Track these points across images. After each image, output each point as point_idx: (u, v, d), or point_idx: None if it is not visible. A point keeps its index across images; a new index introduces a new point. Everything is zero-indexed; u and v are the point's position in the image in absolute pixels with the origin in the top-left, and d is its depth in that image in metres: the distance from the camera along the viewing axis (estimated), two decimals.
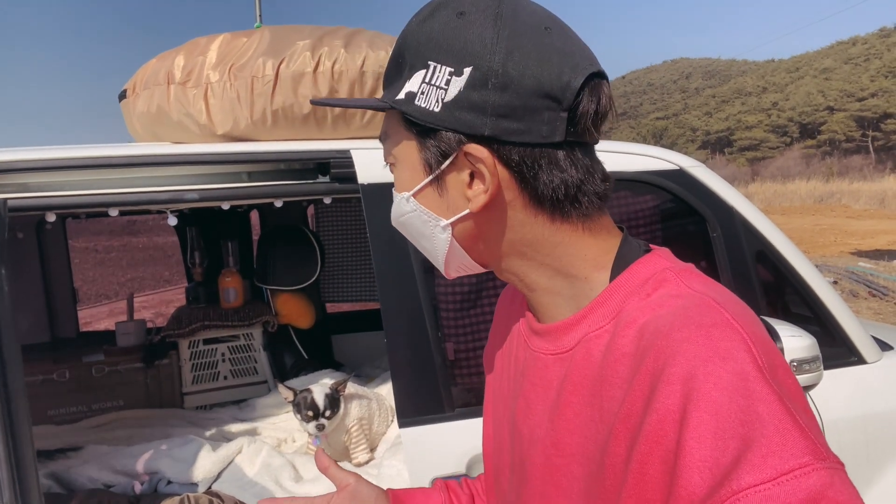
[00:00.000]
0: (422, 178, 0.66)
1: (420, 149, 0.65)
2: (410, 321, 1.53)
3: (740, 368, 0.48)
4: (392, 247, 1.55)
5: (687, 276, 0.61)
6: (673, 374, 0.50)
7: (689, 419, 0.48)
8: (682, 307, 0.56)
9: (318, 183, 1.64)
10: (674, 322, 0.54)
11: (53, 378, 2.36)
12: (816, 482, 0.43)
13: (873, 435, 1.78)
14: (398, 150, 0.67)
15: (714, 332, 0.51)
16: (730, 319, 0.53)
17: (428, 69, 0.62)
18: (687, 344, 0.51)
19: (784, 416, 0.46)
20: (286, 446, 2.13)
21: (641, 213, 1.82)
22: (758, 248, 1.81)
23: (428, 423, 1.52)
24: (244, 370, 2.58)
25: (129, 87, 1.83)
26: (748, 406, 0.46)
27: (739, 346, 0.50)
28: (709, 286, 0.59)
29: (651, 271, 0.63)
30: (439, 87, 0.62)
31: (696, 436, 0.47)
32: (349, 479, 0.84)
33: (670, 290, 0.59)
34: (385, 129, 0.69)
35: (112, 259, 13.55)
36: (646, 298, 0.60)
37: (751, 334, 0.51)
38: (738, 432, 0.46)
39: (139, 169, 1.53)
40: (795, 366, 1.54)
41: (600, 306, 0.63)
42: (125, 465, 1.82)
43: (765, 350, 0.51)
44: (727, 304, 0.55)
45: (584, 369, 0.61)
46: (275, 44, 1.67)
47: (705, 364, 0.49)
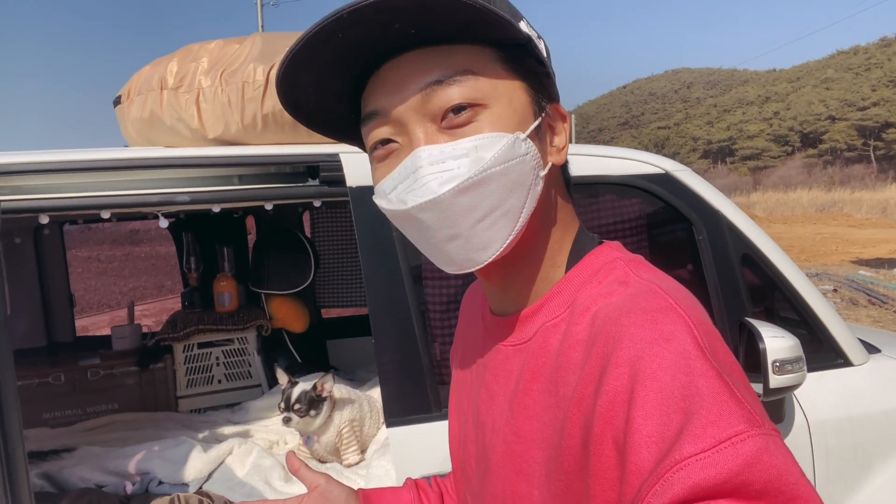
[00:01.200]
0: (530, 122, 0.62)
1: (528, 90, 0.63)
2: (398, 322, 1.55)
3: (682, 348, 0.51)
4: (380, 248, 1.57)
5: (635, 266, 0.64)
6: (621, 356, 0.52)
7: (636, 398, 0.50)
8: (629, 295, 0.58)
9: (308, 186, 1.66)
10: (622, 308, 0.56)
11: (49, 381, 2.39)
12: (752, 447, 0.45)
13: (860, 437, 1.79)
14: (496, 87, 0.61)
15: (658, 316, 0.54)
16: (673, 304, 0.55)
17: (525, 23, 0.64)
18: (634, 328, 0.54)
19: (722, 390, 0.48)
20: (278, 448, 2.14)
21: (627, 216, 1.84)
22: (744, 252, 1.83)
23: (415, 423, 1.53)
24: (238, 374, 2.60)
25: (123, 93, 1.86)
26: (689, 382, 0.49)
27: (682, 328, 0.52)
28: (655, 275, 0.62)
29: (603, 261, 0.65)
30: (537, 42, 0.65)
31: (643, 413, 0.49)
32: (319, 480, 0.84)
33: (619, 278, 0.62)
34: (465, 65, 0.60)
35: (114, 268, 13.57)
36: (597, 286, 0.62)
37: (692, 318, 0.54)
38: (681, 406, 0.48)
39: (131, 172, 1.55)
40: (778, 366, 1.55)
41: (556, 296, 0.66)
42: (117, 465, 1.83)
43: (705, 332, 0.53)
44: (671, 291, 0.57)
45: (542, 357, 0.63)
46: (266, 50, 1.71)
47: (650, 346, 0.52)
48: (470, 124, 0.59)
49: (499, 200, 0.59)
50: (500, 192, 0.59)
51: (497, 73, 0.61)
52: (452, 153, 0.58)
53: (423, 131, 0.60)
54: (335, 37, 0.58)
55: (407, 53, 0.60)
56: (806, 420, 1.75)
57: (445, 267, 0.64)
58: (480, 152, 0.58)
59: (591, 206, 1.86)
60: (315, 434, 1.95)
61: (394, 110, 0.60)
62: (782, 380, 1.55)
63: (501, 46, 0.62)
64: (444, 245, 0.62)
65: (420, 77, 0.59)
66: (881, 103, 63.83)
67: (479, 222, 0.59)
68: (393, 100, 0.60)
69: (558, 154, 0.67)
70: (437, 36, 0.59)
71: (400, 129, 0.61)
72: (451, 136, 0.59)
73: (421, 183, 0.58)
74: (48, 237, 2.71)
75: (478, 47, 0.61)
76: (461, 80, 0.59)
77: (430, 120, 0.60)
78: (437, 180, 0.58)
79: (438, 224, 0.60)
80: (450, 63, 0.59)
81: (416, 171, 0.59)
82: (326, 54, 0.60)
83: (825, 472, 1.74)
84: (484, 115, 0.59)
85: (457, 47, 0.60)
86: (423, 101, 0.59)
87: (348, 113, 0.67)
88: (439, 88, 0.59)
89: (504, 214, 0.60)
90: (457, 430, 0.83)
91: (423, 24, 0.57)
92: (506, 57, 0.62)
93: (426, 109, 0.59)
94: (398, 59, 0.61)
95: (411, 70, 0.60)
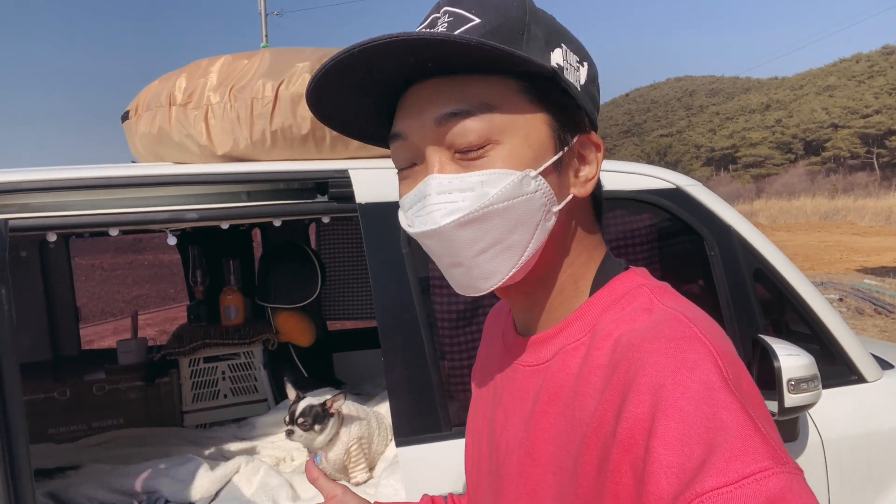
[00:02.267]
0: (547, 157, 0.61)
1: (552, 124, 0.62)
2: (407, 339, 1.54)
3: (706, 378, 0.50)
4: (389, 265, 1.56)
5: (660, 293, 0.63)
6: (642, 383, 0.52)
7: (657, 427, 0.49)
8: (653, 322, 0.58)
9: (317, 202, 1.65)
10: (645, 335, 0.56)
11: (54, 396, 2.37)
12: (776, 485, 0.45)
13: (875, 455, 1.77)
14: (514, 121, 0.60)
15: (682, 344, 0.53)
16: (698, 333, 0.55)
17: (562, 49, 0.64)
18: (657, 355, 0.53)
19: (746, 423, 0.48)
20: (284, 465, 2.12)
21: (638, 232, 1.83)
22: (756, 267, 1.81)
23: (425, 442, 1.51)
24: (244, 388, 2.59)
25: (131, 109, 1.85)
26: (713, 414, 0.48)
27: (706, 358, 0.52)
28: (679, 303, 0.61)
29: (627, 287, 0.65)
30: (575, 70, 0.65)
31: (664, 442, 0.48)
32: (336, 491, 0.85)
33: (643, 305, 0.61)
34: (483, 98, 0.59)
35: (117, 277, 13.58)
36: (620, 312, 0.62)
37: (717, 347, 0.53)
38: (703, 438, 0.47)
39: (139, 189, 1.54)
40: (793, 385, 1.53)
41: (578, 320, 0.65)
42: (123, 484, 1.82)
43: (729, 362, 0.53)
44: (696, 320, 0.57)
45: (560, 381, 0.63)
46: (275, 66, 1.70)
47: (673, 374, 0.51)
48: (483, 158, 0.60)
49: (501, 236, 0.60)
50: (503, 228, 0.60)
51: (517, 106, 0.60)
52: (459, 185, 0.59)
53: (438, 159, 0.61)
54: (353, 67, 0.60)
55: (429, 80, 0.61)
56: (820, 437, 1.73)
57: (454, 288, 0.66)
58: (486, 188, 0.59)
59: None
60: (323, 451, 1.93)
61: (412, 136, 0.62)
62: (798, 399, 1.53)
63: (527, 77, 0.61)
64: (449, 270, 0.64)
65: (438, 107, 0.60)
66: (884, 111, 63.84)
67: (480, 254, 0.61)
68: (412, 125, 0.62)
69: (583, 186, 0.66)
70: (458, 67, 0.60)
71: (418, 152, 0.63)
72: (463, 167, 0.60)
73: (427, 211, 0.60)
74: (54, 250, 2.71)
75: (500, 78, 0.60)
76: (477, 114, 0.59)
77: (446, 148, 0.61)
78: (440, 211, 0.59)
79: (441, 251, 0.62)
80: (467, 95, 0.59)
81: (425, 197, 0.61)
82: (350, 81, 0.62)
83: (840, 490, 1.72)
84: (497, 150, 0.60)
85: (478, 78, 0.60)
86: (438, 131, 0.60)
87: (381, 124, 0.69)
88: (454, 120, 0.59)
89: (507, 249, 0.61)
90: (471, 449, 0.82)
91: (438, 60, 0.58)
92: (530, 88, 0.61)
93: (441, 139, 0.60)
94: (421, 85, 0.62)
95: (430, 99, 0.61)
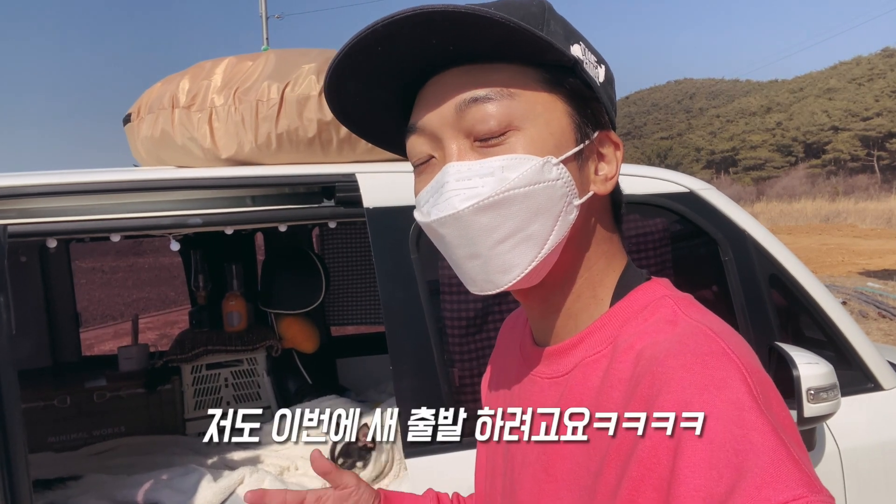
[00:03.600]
0: (569, 146, 0.60)
1: (572, 114, 0.61)
2: (416, 347, 1.51)
3: (736, 398, 0.48)
4: (398, 271, 1.53)
5: (685, 305, 0.61)
6: (667, 400, 0.50)
7: (684, 447, 0.48)
8: (678, 335, 0.56)
9: (324, 207, 1.62)
10: (670, 349, 0.54)
11: (54, 404, 2.33)
12: None
13: (892, 464, 1.74)
14: (534, 108, 0.59)
15: (709, 360, 0.51)
16: (725, 349, 0.52)
17: (581, 46, 0.63)
18: (682, 371, 0.51)
19: (778, 448, 0.46)
20: (289, 474, 2.08)
21: (652, 236, 1.79)
22: (770, 272, 1.78)
23: (435, 453, 1.48)
24: (247, 395, 2.55)
25: (133, 111, 1.82)
26: (743, 436, 0.46)
27: (735, 375, 0.50)
28: (705, 316, 0.59)
29: (650, 298, 0.63)
30: (594, 67, 0.64)
31: (691, 464, 0.47)
32: (350, 481, 0.84)
33: (667, 317, 0.59)
34: (503, 84, 0.59)
35: (118, 279, 13.55)
36: (643, 324, 0.60)
37: (746, 365, 0.51)
38: (733, 462, 0.45)
39: (141, 194, 1.51)
40: (812, 394, 1.50)
41: (598, 331, 0.63)
42: (125, 495, 1.78)
43: (759, 381, 0.51)
44: (723, 335, 0.55)
45: (580, 394, 0.61)
46: (280, 67, 1.66)
47: (700, 392, 0.49)
48: (503, 144, 0.59)
49: (521, 224, 0.58)
50: (523, 216, 0.58)
51: (538, 94, 0.60)
52: (479, 171, 0.58)
53: (457, 147, 0.60)
54: (374, 49, 0.59)
55: (449, 70, 0.61)
56: (837, 446, 1.70)
57: (469, 286, 0.63)
58: (506, 172, 0.57)
59: None
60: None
61: (430, 125, 0.61)
62: (817, 408, 1.50)
63: (547, 68, 0.60)
64: (464, 263, 0.61)
65: (458, 93, 0.59)
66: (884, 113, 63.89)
67: (499, 244, 0.58)
68: (431, 115, 0.61)
69: (604, 184, 0.64)
70: (478, 54, 0.59)
71: (437, 143, 0.61)
72: (483, 154, 0.59)
73: (445, 198, 0.59)
74: (54, 255, 2.67)
75: (521, 67, 0.60)
76: (497, 98, 0.58)
77: (465, 136, 0.60)
78: (459, 196, 0.58)
79: (458, 241, 0.60)
80: (488, 81, 0.59)
81: (443, 185, 0.59)
82: (369, 65, 0.61)
83: (857, 499, 1.69)
84: (518, 136, 0.59)
85: (499, 66, 0.59)
86: (458, 118, 0.59)
87: (397, 123, 0.67)
88: (474, 105, 0.58)
89: (527, 239, 0.59)
90: (485, 462, 0.80)
91: (460, 41, 0.57)
92: (550, 78, 0.60)
93: (461, 126, 0.59)
94: (441, 76, 0.61)
95: (450, 86, 0.60)
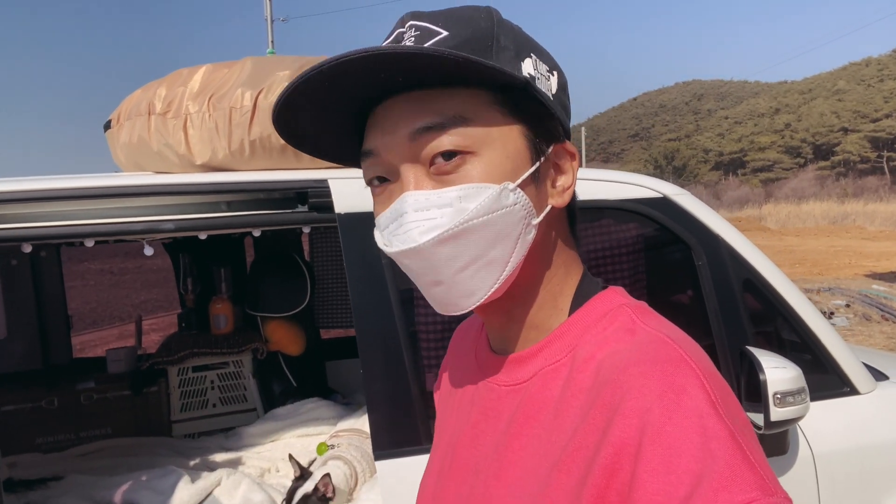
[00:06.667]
0: (525, 168, 0.60)
1: (527, 134, 0.61)
2: (387, 351, 1.52)
3: (694, 404, 0.50)
4: (369, 276, 1.54)
5: (641, 313, 0.62)
6: (628, 407, 0.51)
7: (644, 452, 0.49)
8: (637, 343, 0.57)
9: (297, 212, 1.64)
10: (631, 358, 0.55)
11: (42, 405, 2.36)
12: None
13: (868, 468, 1.74)
14: (489, 133, 0.58)
15: (668, 367, 0.53)
16: (683, 355, 0.54)
17: (532, 59, 0.63)
18: (643, 378, 0.52)
19: (735, 452, 0.47)
20: (269, 476, 2.11)
21: (624, 242, 1.80)
22: (745, 277, 1.78)
23: (405, 456, 1.49)
24: (233, 398, 2.57)
25: (113, 118, 1.84)
26: (701, 441, 0.48)
27: (693, 381, 0.51)
28: (662, 323, 0.60)
29: (608, 307, 0.64)
30: (546, 79, 0.63)
31: (650, 469, 0.48)
32: None
33: (625, 325, 0.60)
34: (456, 111, 0.58)
35: (126, 281, 13.62)
36: (602, 333, 0.61)
37: (703, 370, 0.53)
38: (691, 468, 0.47)
39: (117, 200, 1.53)
40: (780, 398, 1.50)
41: (557, 339, 0.64)
42: (104, 496, 1.80)
43: (716, 386, 0.52)
44: (680, 342, 0.56)
45: (540, 403, 0.62)
46: (255, 75, 1.69)
47: (660, 398, 0.50)
48: (458, 172, 0.58)
49: (482, 251, 0.58)
50: (484, 243, 0.58)
51: (492, 118, 0.59)
52: (437, 202, 0.57)
53: (413, 175, 0.59)
54: (323, 84, 0.58)
55: (401, 95, 0.59)
56: (811, 451, 1.70)
57: (435, 308, 0.64)
58: (464, 203, 0.57)
59: (588, 232, 1.82)
60: None
61: (385, 153, 0.60)
62: (784, 412, 1.50)
63: (500, 88, 0.60)
64: (429, 289, 0.61)
65: (410, 122, 0.58)
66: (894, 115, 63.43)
67: (461, 271, 0.59)
68: (385, 141, 0.60)
69: (561, 195, 0.64)
70: (429, 81, 0.58)
71: (391, 168, 0.61)
72: (440, 182, 0.58)
73: (405, 229, 0.58)
74: (45, 259, 2.71)
75: (473, 90, 0.59)
76: (450, 126, 0.57)
77: (421, 163, 0.59)
78: (418, 229, 0.57)
79: (421, 270, 0.60)
80: (441, 108, 0.58)
81: (402, 215, 0.59)
82: (318, 98, 0.61)
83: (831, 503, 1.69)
84: (473, 164, 0.58)
85: (451, 91, 0.58)
86: (411, 146, 0.58)
87: (350, 142, 0.67)
88: (427, 134, 0.58)
89: (487, 264, 0.59)
90: (437, 467, 0.79)
91: (408, 74, 0.56)
92: (503, 100, 0.60)
93: (415, 154, 0.59)
94: (392, 100, 0.60)
95: (402, 113, 0.59)
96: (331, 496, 1.78)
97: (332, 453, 1.95)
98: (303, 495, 1.76)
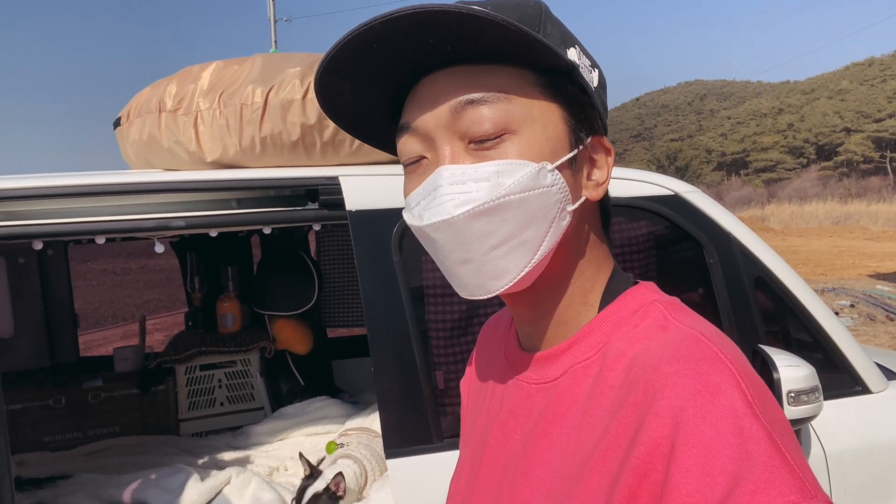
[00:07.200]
0: (563, 152, 0.59)
1: (568, 120, 0.60)
2: (398, 350, 1.51)
3: (730, 403, 0.48)
4: (380, 274, 1.53)
5: (674, 309, 0.60)
6: (662, 406, 0.50)
7: (678, 453, 0.47)
8: (670, 340, 0.56)
9: (308, 210, 1.63)
10: (663, 355, 0.54)
11: (49, 404, 2.36)
12: None
13: (880, 467, 1.73)
14: (530, 113, 0.58)
15: (702, 365, 0.51)
16: (718, 353, 0.52)
17: (576, 49, 0.62)
18: (676, 377, 0.51)
19: (773, 454, 0.46)
20: (278, 475, 2.10)
21: (636, 239, 1.79)
22: (756, 275, 1.77)
23: (416, 454, 1.49)
24: (241, 396, 2.57)
25: (123, 115, 1.84)
26: (738, 442, 0.46)
27: (728, 380, 0.50)
28: (695, 320, 0.59)
29: (639, 303, 0.62)
30: (589, 71, 0.63)
31: (684, 469, 0.47)
32: None
33: (657, 322, 0.59)
34: (500, 86, 0.58)
35: (129, 281, 13.63)
36: (633, 329, 0.60)
37: (739, 368, 0.51)
38: (727, 469, 0.45)
39: (127, 196, 1.53)
40: (793, 397, 1.50)
41: (587, 336, 0.63)
42: (112, 494, 1.80)
43: (753, 384, 0.51)
44: (714, 339, 0.55)
45: (569, 400, 0.61)
46: (265, 71, 1.68)
47: (694, 398, 0.49)
48: (498, 148, 0.57)
49: (516, 230, 0.57)
50: (518, 222, 0.57)
51: (534, 98, 0.59)
52: (474, 175, 0.56)
53: (451, 149, 0.58)
54: (369, 46, 0.57)
55: (444, 70, 0.59)
56: (823, 450, 1.69)
57: (459, 290, 0.62)
58: (501, 178, 0.56)
59: None
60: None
61: (424, 126, 0.59)
62: (798, 411, 1.49)
63: (544, 71, 0.59)
64: (456, 268, 0.60)
65: (453, 95, 0.58)
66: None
67: (493, 249, 0.57)
68: (425, 115, 0.59)
69: (595, 189, 0.64)
70: (474, 55, 0.58)
71: (429, 144, 0.60)
72: (477, 157, 0.58)
73: (439, 202, 0.57)
74: (52, 257, 2.70)
75: (518, 70, 0.59)
76: (493, 101, 0.57)
77: (459, 138, 0.58)
78: (453, 201, 0.56)
79: (451, 246, 0.58)
80: (484, 83, 0.57)
81: (436, 188, 0.58)
82: (361, 63, 0.60)
83: (842, 503, 1.68)
84: (513, 140, 0.57)
85: (495, 68, 0.58)
86: (452, 120, 0.58)
87: (386, 121, 0.66)
88: (470, 108, 0.57)
89: (520, 245, 0.58)
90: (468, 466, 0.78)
91: (457, 42, 0.56)
92: (547, 82, 0.59)
93: (455, 128, 0.58)
94: (435, 75, 0.59)
95: (445, 87, 0.58)
96: (342, 495, 1.77)
97: (342, 452, 1.94)
98: (313, 494, 1.75)
